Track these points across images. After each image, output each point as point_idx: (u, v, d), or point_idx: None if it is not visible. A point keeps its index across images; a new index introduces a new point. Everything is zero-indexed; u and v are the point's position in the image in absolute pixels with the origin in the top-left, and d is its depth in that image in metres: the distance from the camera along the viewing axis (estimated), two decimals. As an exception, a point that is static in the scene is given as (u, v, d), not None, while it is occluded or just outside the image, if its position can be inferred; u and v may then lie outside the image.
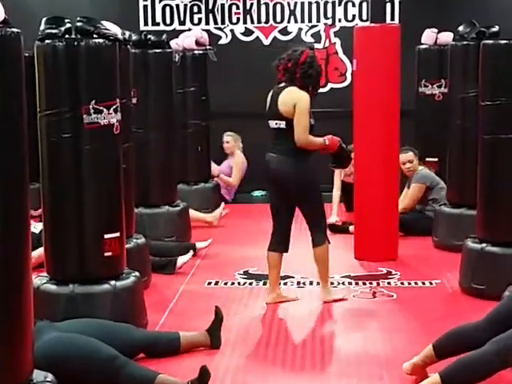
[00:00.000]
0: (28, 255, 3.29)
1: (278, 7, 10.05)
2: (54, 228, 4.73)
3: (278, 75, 5.49)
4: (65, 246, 4.72)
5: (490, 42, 5.73)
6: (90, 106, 4.55)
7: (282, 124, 5.34)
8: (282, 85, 5.45)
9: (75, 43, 4.55)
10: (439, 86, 8.40)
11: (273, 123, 5.40)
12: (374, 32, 6.73)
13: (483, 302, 5.24)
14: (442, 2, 9.70)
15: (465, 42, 6.93)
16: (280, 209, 5.54)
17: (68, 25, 4.60)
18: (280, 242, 5.59)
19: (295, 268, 6.43)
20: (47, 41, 4.58)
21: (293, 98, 5.32)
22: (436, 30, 8.51)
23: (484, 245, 5.58)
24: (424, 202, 7.65)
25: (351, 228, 7.18)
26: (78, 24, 4.61)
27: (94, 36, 4.60)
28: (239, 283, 6.09)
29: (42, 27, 4.62)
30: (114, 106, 4.66)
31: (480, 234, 5.69)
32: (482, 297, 5.38)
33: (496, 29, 6.67)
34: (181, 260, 6.37)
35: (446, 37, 8.11)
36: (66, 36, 4.58)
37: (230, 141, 9.56)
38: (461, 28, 7.04)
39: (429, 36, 8.54)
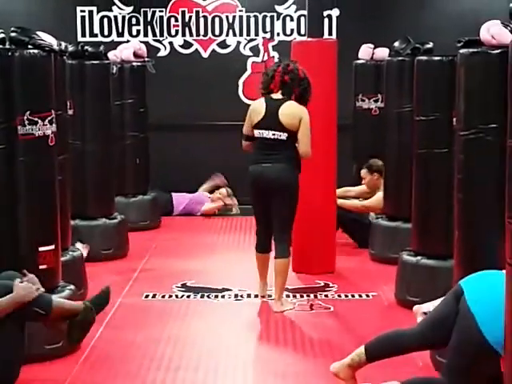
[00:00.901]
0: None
1: (217, 20, 10.07)
2: (-13, 241, 4.64)
3: (270, 86, 5.68)
4: (-2, 258, 4.63)
5: (424, 58, 5.84)
6: (25, 117, 4.49)
7: (283, 135, 5.59)
8: (279, 97, 5.66)
9: (9, 53, 4.47)
10: (376, 101, 8.52)
11: (269, 133, 5.61)
12: (311, 46, 6.79)
13: (418, 313, 5.31)
14: (379, 18, 9.85)
15: (400, 58, 7.05)
16: (271, 216, 5.72)
17: (2, 35, 4.54)
18: (268, 245, 5.86)
19: (233, 281, 6.44)
20: (-19, 51, 4.50)
21: (298, 112, 5.60)
22: (372, 46, 8.63)
23: (419, 257, 5.66)
24: None
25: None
26: (13, 34, 4.55)
27: (29, 46, 4.54)
28: (177, 296, 6.06)
29: (-24, 37, 4.54)
30: (49, 118, 4.60)
31: (415, 246, 5.78)
32: (417, 309, 5.45)
33: (430, 45, 6.80)
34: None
35: (382, 52, 8.23)
36: (0, 46, 4.51)
37: (221, 195, 9.59)
38: (396, 44, 7.16)
39: (365, 51, 8.65)
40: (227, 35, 10.08)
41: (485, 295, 3.57)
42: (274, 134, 5.61)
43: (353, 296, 6.08)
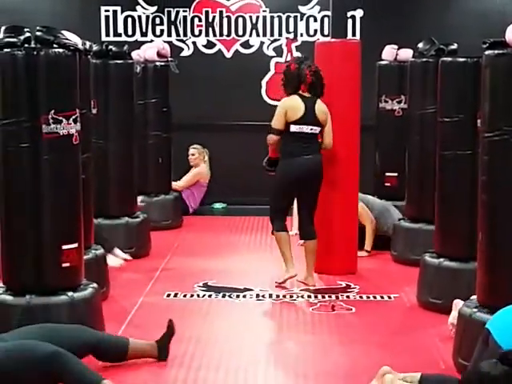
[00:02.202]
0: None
1: (240, 20, 10.08)
2: (12, 238, 4.68)
3: (301, 86, 6.21)
4: (22, 256, 4.66)
5: (449, 59, 5.80)
6: (49, 116, 4.52)
7: (317, 130, 6.25)
8: (309, 95, 6.23)
9: (35, 52, 4.51)
10: (399, 102, 8.47)
11: (307, 128, 6.19)
12: (335, 47, 6.78)
13: (440, 316, 5.29)
14: (403, 18, 9.81)
15: (424, 59, 7.02)
16: (293, 202, 6.47)
17: (27, 34, 4.57)
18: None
19: (254, 280, 6.44)
20: (6, 50, 4.54)
21: (326, 109, 6.29)
22: (396, 47, 8.59)
23: (441, 260, 5.64)
24: None
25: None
26: (38, 33, 4.58)
27: (54, 45, 4.57)
28: (198, 295, 6.07)
29: (1, 36, 4.58)
30: (74, 117, 4.63)
31: (437, 248, 5.75)
32: (440, 311, 5.42)
33: (455, 46, 6.76)
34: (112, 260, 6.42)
35: (406, 53, 8.19)
36: (26, 45, 4.55)
37: (195, 153, 9.62)
38: (420, 45, 7.13)
39: (389, 52, 8.61)
40: (250, 35, 10.09)
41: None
42: (311, 129, 6.19)
43: (374, 297, 6.06)
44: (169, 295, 6.07)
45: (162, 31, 10.09)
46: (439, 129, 5.78)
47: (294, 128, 6.14)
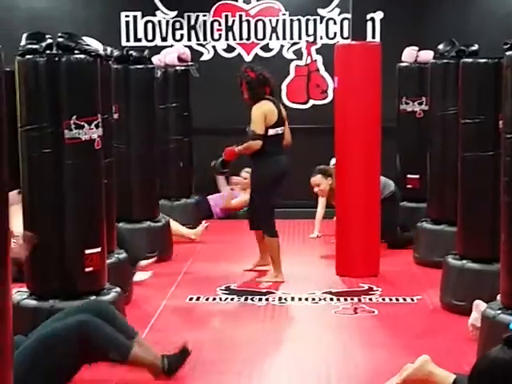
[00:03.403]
0: (6, 270, 3.26)
1: (260, 24, 10.09)
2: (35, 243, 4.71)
3: (268, 91, 6.52)
4: (45, 260, 4.69)
5: (470, 60, 5.78)
6: (71, 122, 4.55)
7: (284, 129, 6.52)
8: (272, 98, 6.52)
9: (56, 59, 4.55)
10: (420, 104, 8.45)
11: (279, 130, 6.46)
12: (355, 50, 6.77)
13: (464, 318, 5.25)
14: (423, 20, 9.78)
15: (445, 60, 6.99)
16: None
17: (49, 40, 4.61)
18: None
19: (276, 283, 6.44)
20: (28, 56, 4.58)
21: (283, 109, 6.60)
22: (416, 48, 8.57)
23: (464, 261, 5.61)
24: None
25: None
26: (59, 39, 4.62)
27: (75, 52, 4.61)
28: (221, 299, 6.08)
29: (23, 42, 4.62)
30: (96, 122, 4.66)
31: (460, 250, 5.72)
32: (463, 313, 5.38)
33: (475, 47, 6.73)
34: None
35: (427, 55, 8.16)
36: (47, 51, 4.59)
37: (248, 177, 9.51)
38: (441, 46, 7.10)
39: (409, 54, 8.59)
40: (270, 39, 10.09)
41: None
42: (282, 130, 6.47)
43: (397, 300, 6.04)
44: (191, 299, 6.08)
45: (181, 36, 10.12)
46: (461, 130, 5.76)
47: (271, 131, 6.39)
